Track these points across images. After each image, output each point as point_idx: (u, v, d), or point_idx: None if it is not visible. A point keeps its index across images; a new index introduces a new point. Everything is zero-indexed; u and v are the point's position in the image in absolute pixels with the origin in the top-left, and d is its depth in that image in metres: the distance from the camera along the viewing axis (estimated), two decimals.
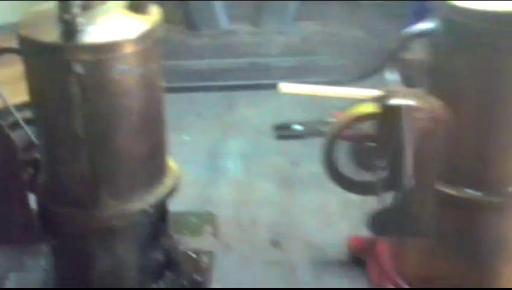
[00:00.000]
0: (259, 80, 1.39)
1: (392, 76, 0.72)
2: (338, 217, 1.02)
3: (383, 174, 0.72)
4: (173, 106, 1.29)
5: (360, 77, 1.37)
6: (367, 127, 0.80)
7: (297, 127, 1.23)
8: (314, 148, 1.15)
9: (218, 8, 1.49)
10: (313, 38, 1.51)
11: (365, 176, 0.79)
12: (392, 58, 0.72)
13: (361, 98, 1.19)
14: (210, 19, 1.49)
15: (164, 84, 0.75)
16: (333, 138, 0.79)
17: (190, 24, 1.49)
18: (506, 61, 0.65)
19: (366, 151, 0.76)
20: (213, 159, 1.18)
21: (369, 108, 0.74)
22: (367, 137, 0.76)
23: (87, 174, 0.70)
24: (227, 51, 1.45)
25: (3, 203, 0.74)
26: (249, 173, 1.14)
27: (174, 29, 1.50)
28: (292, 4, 1.51)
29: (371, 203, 0.78)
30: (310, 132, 1.19)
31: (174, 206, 0.92)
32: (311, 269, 0.94)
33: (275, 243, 0.99)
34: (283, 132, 1.23)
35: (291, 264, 0.95)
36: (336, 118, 1.15)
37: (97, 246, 0.75)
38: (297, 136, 1.21)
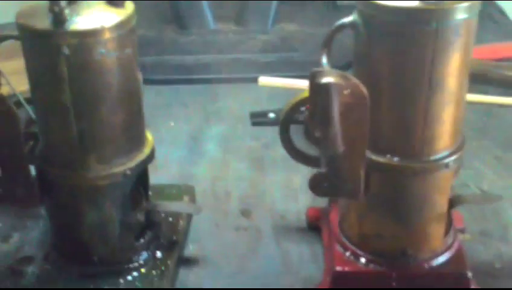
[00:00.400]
0: (241, 74, 1.52)
1: (325, 60, 0.85)
2: (301, 191, 1.15)
3: (321, 146, 0.84)
4: (162, 96, 1.45)
5: None
6: None
7: (272, 115, 1.36)
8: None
9: (206, 9, 1.61)
10: (291, 37, 1.62)
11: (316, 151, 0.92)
12: (325, 46, 0.85)
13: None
14: (198, 19, 1.61)
15: (140, 69, 0.87)
16: (284, 121, 0.91)
17: (180, 23, 1.62)
18: (410, 46, 0.77)
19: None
20: (195, 142, 1.31)
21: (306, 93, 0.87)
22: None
23: (76, 141, 0.83)
24: (213, 48, 1.57)
25: (9, 171, 0.88)
26: (225, 154, 1.27)
27: (165, 28, 1.62)
28: (273, 6, 1.63)
29: None
30: None
31: (158, 180, 1.06)
32: (274, 234, 1.07)
33: (245, 213, 1.12)
34: (258, 119, 1.36)
35: (257, 230, 1.08)
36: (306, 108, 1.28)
37: (85, 203, 0.88)
38: (271, 123, 1.34)
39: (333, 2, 1.84)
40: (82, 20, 0.78)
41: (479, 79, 1.38)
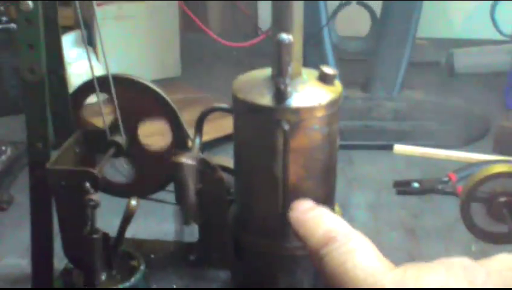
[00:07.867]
0: (374, 141, 1.54)
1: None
2: None
3: None
4: None
5: (465, 142, 1.51)
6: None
7: (415, 184, 1.37)
8: (432, 203, 1.30)
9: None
10: (418, 105, 1.65)
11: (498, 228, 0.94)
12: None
13: (477, 160, 1.34)
14: None
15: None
16: (467, 198, 0.93)
17: None
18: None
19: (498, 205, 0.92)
20: (343, 208, 1.33)
21: (498, 168, 0.89)
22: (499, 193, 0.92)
23: (281, 211, 0.86)
24: (343, 114, 1.60)
25: (207, 235, 0.92)
26: (375, 222, 1.29)
27: None
28: (401, 74, 1.67)
29: (490, 253, 0.92)
30: (427, 189, 1.32)
31: None
32: None
33: None
34: (403, 187, 1.38)
35: None
36: (450, 178, 1.30)
37: (280, 270, 0.89)
38: (415, 192, 1.35)
39: (451, 69, 1.87)
40: (299, 97, 0.82)
41: None
